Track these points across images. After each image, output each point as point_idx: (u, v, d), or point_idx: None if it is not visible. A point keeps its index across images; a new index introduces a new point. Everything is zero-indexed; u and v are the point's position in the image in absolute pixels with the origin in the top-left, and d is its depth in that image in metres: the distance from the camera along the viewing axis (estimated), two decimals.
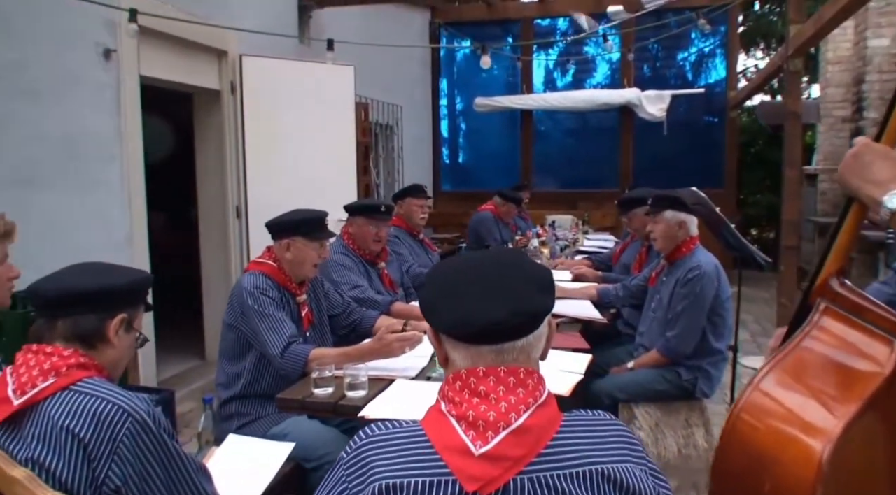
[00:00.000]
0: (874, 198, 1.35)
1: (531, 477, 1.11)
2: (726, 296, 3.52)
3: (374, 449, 1.16)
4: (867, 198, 1.38)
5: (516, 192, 7.00)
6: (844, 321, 1.48)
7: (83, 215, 4.26)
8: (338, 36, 6.50)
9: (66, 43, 4.16)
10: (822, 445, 1.30)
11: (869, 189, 1.37)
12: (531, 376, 1.18)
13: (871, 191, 1.36)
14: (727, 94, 9.50)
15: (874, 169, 1.38)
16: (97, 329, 1.57)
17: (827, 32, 5.19)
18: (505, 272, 1.23)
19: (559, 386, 2.55)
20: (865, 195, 1.38)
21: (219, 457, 2.13)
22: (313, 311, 3.08)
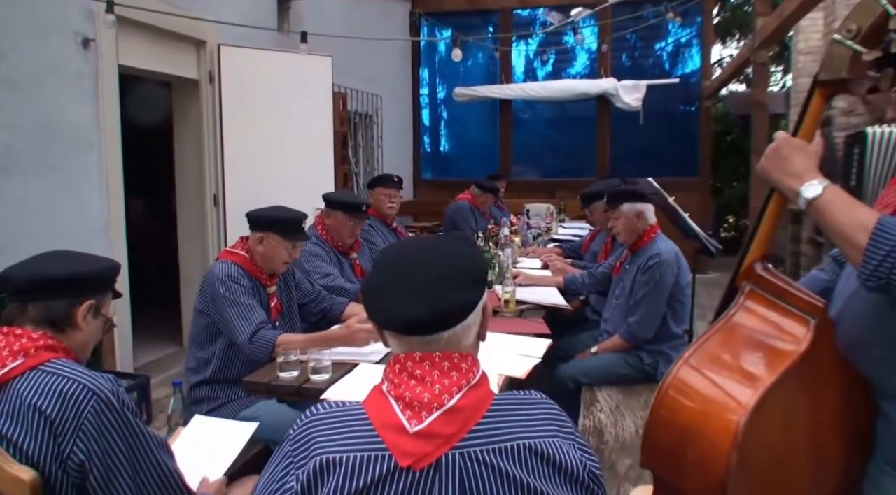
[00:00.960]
0: (793, 188, 1.47)
1: (461, 451, 1.20)
2: (686, 283, 3.64)
3: (318, 426, 1.24)
4: (787, 189, 1.50)
5: (492, 182, 7.09)
6: (767, 302, 1.59)
7: (61, 203, 4.31)
8: (317, 26, 6.56)
9: (45, 32, 4.20)
10: (737, 417, 1.42)
11: (788, 180, 1.48)
12: (465, 360, 1.26)
13: (790, 183, 1.48)
14: (702, 83, 9.60)
15: (792, 161, 1.50)
16: (66, 313, 1.66)
17: (790, 25, 5.31)
18: (432, 266, 1.30)
19: (516, 369, 2.65)
20: (785, 186, 1.50)
21: (185, 437, 2.23)
22: (282, 302, 3.17)
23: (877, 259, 1.31)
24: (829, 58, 1.58)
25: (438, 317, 1.24)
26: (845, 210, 1.40)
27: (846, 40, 1.53)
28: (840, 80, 1.55)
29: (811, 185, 1.44)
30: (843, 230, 1.38)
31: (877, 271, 1.31)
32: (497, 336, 3.10)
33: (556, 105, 10.11)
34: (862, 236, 1.33)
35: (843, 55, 1.54)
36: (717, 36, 13.02)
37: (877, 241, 1.31)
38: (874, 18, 1.50)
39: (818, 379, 1.50)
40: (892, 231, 1.31)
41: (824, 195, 1.42)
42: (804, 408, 1.50)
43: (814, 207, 1.43)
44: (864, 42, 1.51)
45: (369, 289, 1.32)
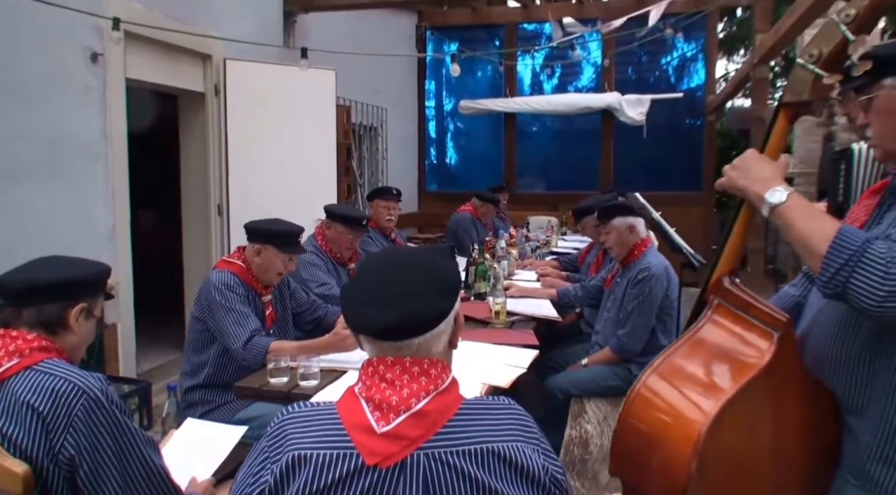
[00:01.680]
0: (759, 193, 1.52)
1: (426, 453, 1.26)
2: (675, 296, 3.70)
3: (292, 424, 1.32)
4: (753, 195, 1.55)
5: (494, 194, 7.17)
6: (733, 316, 1.66)
7: (68, 212, 4.42)
8: (323, 40, 6.67)
9: (55, 46, 4.31)
10: (699, 425, 1.48)
11: (755, 186, 1.54)
12: (435, 366, 1.33)
13: (756, 188, 1.53)
14: (706, 98, 9.64)
15: (760, 168, 1.57)
16: (59, 317, 1.75)
17: (787, 42, 5.37)
18: (406, 276, 1.37)
19: (501, 378, 2.72)
20: (752, 192, 1.55)
21: (177, 439, 2.31)
22: (277, 311, 3.25)
23: (834, 267, 1.36)
24: (793, 81, 1.64)
25: (410, 323, 1.31)
26: (807, 217, 1.45)
27: (808, 64, 1.60)
28: (803, 102, 1.62)
29: (776, 191, 1.49)
30: (804, 237, 1.44)
31: (833, 279, 1.37)
32: (485, 346, 3.17)
33: (560, 118, 10.17)
34: (822, 244, 1.39)
35: (805, 78, 1.60)
36: (722, 50, 13.07)
37: (835, 250, 1.36)
38: (835, 44, 1.56)
39: (781, 391, 1.55)
40: (851, 241, 1.36)
41: (788, 201, 1.48)
42: (766, 419, 1.55)
43: (777, 213, 1.49)
44: (825, 66, 1.58)
45: (347, 295, 1.40)
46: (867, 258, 1.34)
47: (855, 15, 1.52)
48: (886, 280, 1.31)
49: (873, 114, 1.58)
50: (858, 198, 1.81)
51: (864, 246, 1.35)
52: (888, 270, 1.31)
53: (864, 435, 1.53)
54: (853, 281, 1.34)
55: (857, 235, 1.38)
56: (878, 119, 1.57)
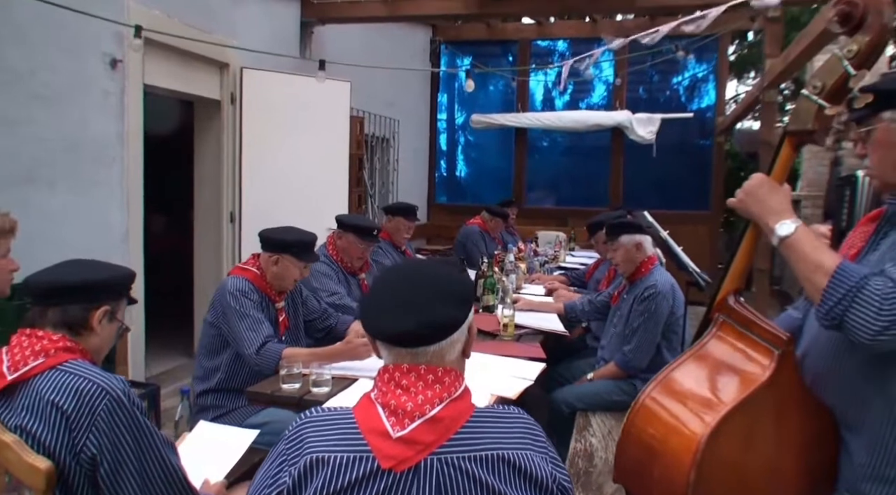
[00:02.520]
0: (770, 225, 1.61)
1: (440, 457, 1.31)
2: (680, 314, 3.74)
3: (310, 428, 1.37)
4: (764, 225, 1.64)
5: (503, 208, 7.22)
6: (736, 333, 1.73)
7: (83, 214, 4.49)
8: (339, 51, 6.76)
9: (76, 52, 4.40)
10: (699, 436, 1.54)
11: (767, 216, 1.63)
12: (448, 374, 1.39)
13: (768, 219, 1.62)
14: (716, 119, 9.70)
15: (774, 199, 1.65)
16: (82, 318, 1.80)
17: (796, 68, 5.43)
18: (425, 286, 1.43)
19: (508, 390, 2.76)
20: (763, 222, 1.64)
21: (190, 441, 2.36)
22: (290, 318, 3.30)
23: (832, 301, 1.44)
24: (797, 110, 1.71)
25: (426, 331, 1.36)
26: (811, 251, 1.53)
27: (812, 95, 1.67)
28: (807, 130, 1.68)
29: (786, 224, 1.58)
30: (806, 269, 1.51)
31: (831, 312, 1.44)
32: (493, 358, 3.22)
33: (571, 134, 10.22)
34: (822, 278, 1.46)
35: (809, 109, 1.67)
36: (732, 72, 13.13)
37: (834, 285, 1.44)
38: (837, 78, 1.63)
39: (781, 408, 1.61)
40: (849, 277, 1.43)
41: (796, 234, 1.56)
42: (766, 435, 1.60)
43: (785, 245, 1.57)
44: (828, 98, 1.65)
45: (366, 303, 1.46)
46: (863, 294, 1.41)
47: (857, 51, 1.60)
48: (880, 315, 1.38)
49: (871, 145, 1.65)
50: (857, 224, 1.87)
51: (860, 282, 1.42)
52: (882, 306, 1.38)
53: (860, 453, 1.58)
54: (849, 315, 1.42)
55: (855, 271, 1.45)
56: (877, 150, 1.64)
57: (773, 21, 5.78)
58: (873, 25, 1.59)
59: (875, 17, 1.59)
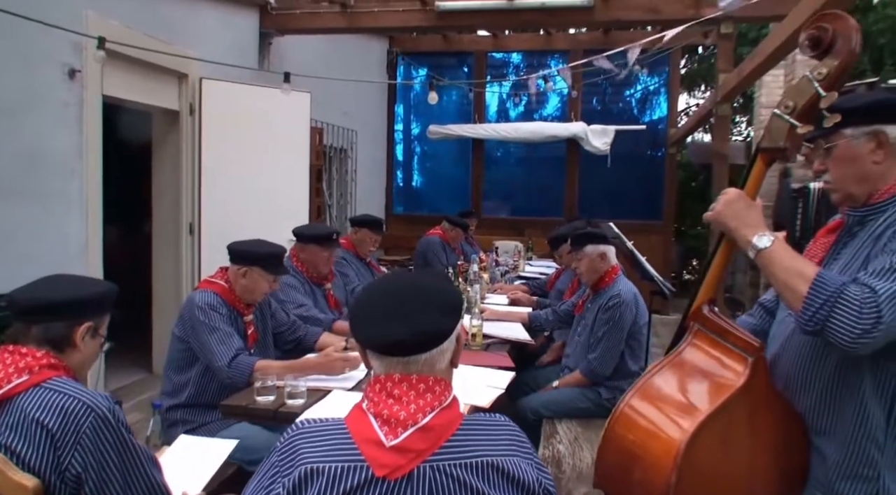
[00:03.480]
0: (747, 237, 1.68)
1: (432, 465, 1.35)
2: (644, 322, 3.82)
3: (303, 439, 1.39)
4: (741, 237, 1.70)
5: (463, 219, 7.28)
6: (711, 341, 1.80)
7: (41, 226, 4.41)
8: (297, 62, 6.75)
9: (33, 62, 4.32)
10: (679, 440, 1.60)
11: (744, 230, 1.69)
12: (439, 383, 1.42)
13: (745, 232, 1.69)
14: (668, 131, 9.91)
15: (750, 214, 1.72)
16: (65, 335, 1.80)
17: (749, 83, 5.60)
18: (414, 296, 1.46)
19: (481, 398, 2.81)
20: (741, 234, 1.70)
21: (170, 454, 2.35)
22: (258, 330, 3.30)
23: (814, 307, 1.51)
24: (769, 129, 1.79)
25: (418, 339, 1.39)
26: (789, 261, 1.60)
27: (784, 115, 1.75)
28: (779, 148, 1.76)
29: (763, 237, 1.65)
30: (786, 279, 1.58)
31: (814, 317, 1.51)
32: (465, 367, 3.25)
33: (527, 145, 10.33)
34: (803, 286, 1.54)
35: (781, 127, 1.75)
36: (684, 86, 13.42)
37: (814, 292, 1.51)
38: (808, 98, 1.71)
39: (755, 413, 1.68)
40: (828, 284, 1.51)
41: (774, 245, 1.63)
42: (742, 439, 1.67)
43: (763, 256, 1.64)
44: (799, 117, 1.73)
45: (357, 314, 1.48)
46: (843, 299, 1.48)
47: (826, 73, 1.69)
48: (860, 319, 1.46)
49: (833, 161, 1.73)
50: (814, 234, 1.96)
51: (840, 289, 1.50)
52: (861, 311, 1.46)
53: (832, 453, 1.65)
54: (831, 320, 1.49)
55: (833, 279, 1.53)
56: (837, 165, 1.72)
57: (726, 38, 5.94)
58: (842, 50, 1.68)
59: (844, 42, 1.68)
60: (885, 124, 1.66)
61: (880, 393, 1.60)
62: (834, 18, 1.71)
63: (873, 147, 1.67)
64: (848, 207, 1.75)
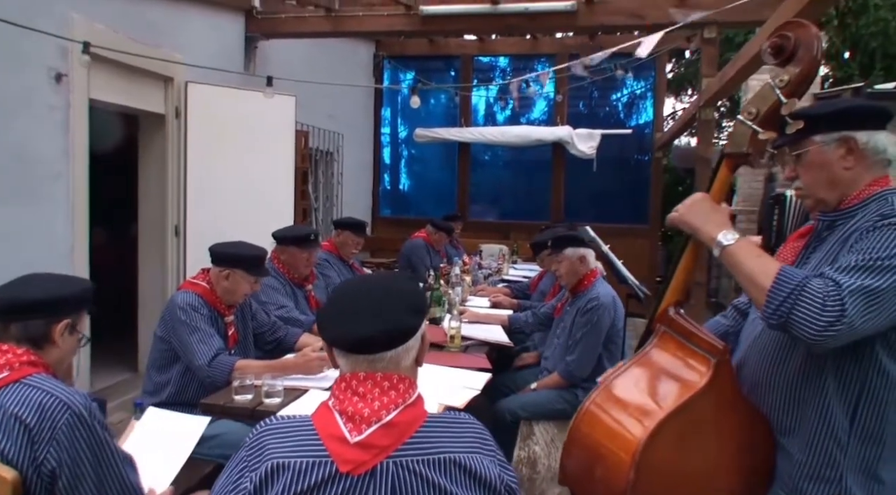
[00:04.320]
0: (712, 235, 1.72)
1: (395, 461, 1.39)
2: (621, 325, 3.88)
3: (271, 435, 1.43)
4: (706, 235, 1.74)
5: (447, 222, 7.32)
6: (676, 343, 1.83)
7: (28, 228, 4.44)
8: (283, 66, 6.78)
9: (19, 66, 4.36)
10: (637, 439, 1.64)
11: (709, 227, 1.74)
12: (403, 381, 1.47)
13: (710, 230, 1.73)
14: (654, 135, 9.96)
15: (715, 213, 1.77)
16: (44, 332, 1.84)
17: (731, 89, 5.65)
18: (381, 296, 1.51)
19: (456, 399, 2.85)
20: (706, 232, 1.75)
21: (140, 430, 2.40)
22: (239, 331, 3.34)
23: (777, 300, 1.54)
24: (733, 134, 1.83)
25: (384, 337, 1.44)
26: (753, 257, 1.64)
27: (747, 121, 1.79)
28: (742, 153, 1.81)
29: (728, 234, 1.69)
30: (750, 274, 1.62)
31: (777, 311, 1.54)
32: (441, 369, 3.30)
33: (513, 149, 10.36)
34: (766, 280, 1.57)
35: (744, 133, 1.80)
36: (670, 90, 13.49)
37: (777, 286, 1.55)
38: (770, 105, 1.76)
39: (718, 414, 1.71)
40: (792, 278, 1.54)
41: (738, 242, 1.67)
42: (702, 437, 1.71)
43: (727, 253, 1.68)
44: (762, 123, 1.77)
45: (325, 313, 1.53)
46: (806, 293, 1.51)
47: (788, 81, 1.73)
48: (824, 312, 1.48)
49: (803, 167, 1.76)
50: (786, 240, 2.00)
51: (803, 282, 1.53)
52: (825, 303, 1.49)
53: (797, 453, 1.69)
54: (795, 313, 1.51)
55: (796, 273, 1.56)
56: (808, 171, 1.75)
57: (709, 42, 6.00)
58: (804, 58, 1.72)
59: (805, 50, 1.72)
60: (854, 131, 1.69)
61: (843, 395, 1.62)
62: (796, 27, 1.75)
63: (843, 153, 1.69)
64: (819, 213, 1.78)
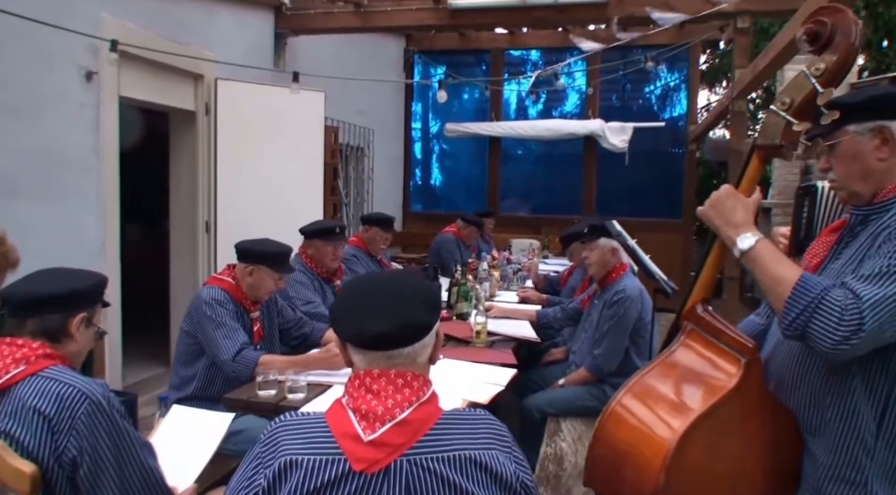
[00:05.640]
0: (731, 237, 1.66)
1: (409, 459, 1.37)
2: (648, 319, 3.81)
3: (285, 431, 1.42)
4: (725, 237, 1.68)
5: (478, 217, 7.30)
6: (704, 341, 1.77)
7: (59, 225, 4.50)
8: (313, 62, 6.80)
9: (51, 65, 4.42)
10: (668, 441, 1.58)
11: (727, 229, 1.67)
12: (417, 379, 1.44)
13: (728, 232, 1.67)
14: (688, 128, 9.82)
15: (735, 213, 1.69)
16: (61, 326, 1.86)
17: (764, 79, 5.55)
18: (397, 291, 1.49)
19: (480, 395, 2.82)
20: (724, 234, 1.69)
21: (165, 428, 2.41)
22: (264, 327, 3.36)
23: (795, 312, 1.48)
24: (766, 125, 1.75)
25: (402, 333, 1.42)
26: (773, 263, 1.58)
27: (780, 111, 1.71)
28: (774, 145, 1.73)
29: (746, 237, 1.62)
30: (769, 282, 1.56)
31: (794, 322, 1.49)
32: (466, 364, 3.28)
33: (544, 143, 10.27)
34: (784, 289, 1.51)
35: (777, 124, 1.72)
36: (705, 81, 13.28)
37: (796, 296, 1.49)
38: (805, 94, 1.68)
39: (747, 415, 1.65)
40: (811, 288, 1.48)
41: (756, 247, 1.60)
42: (731, 439, 1.65)
43: (747, 257, 1.62)
44: (796, 114, 1.69)
45: (339, 309, 1.51)
46: (824, 305, 1.45)
47: (825, 69, 1.65)
48: (840, 325, 1.43)
49: (836, 158, 1.68)
50: (819, 234, 1.93)
51: (822, 293, 1.46)
52: (842, 317, 1.43)
53: (821, 455, 1.63)
54: (812, 325, 1.46)
55: (816, 283, 1.49)
56: (842, 163, 1.67)
57: (742, 32, 5.88)
58: (841, 45, 1.65)
59: (843, 37, 1.64)
60: (890, 120, 1.61)
61: (871, 397, 1.57)
62: (833, 12, 1.67)
63: (878, 143, 1.62)
64: (852, 206, 1.71)
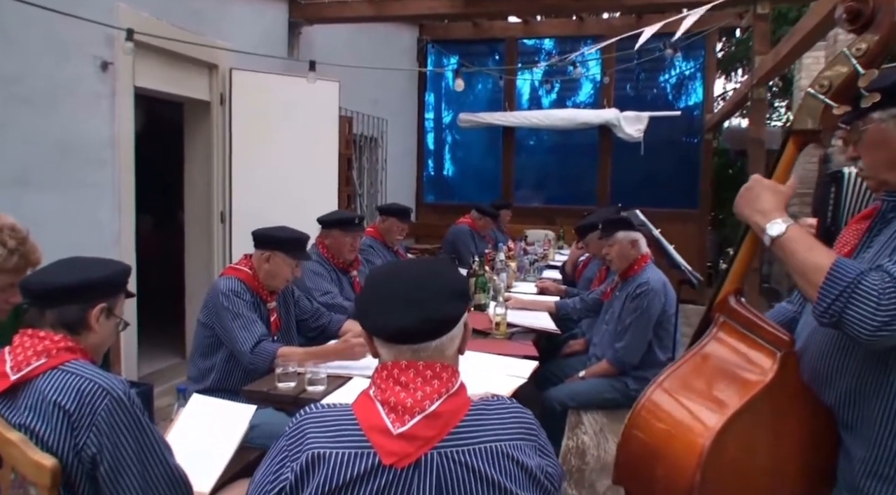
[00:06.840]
0: (759, 225, 1.59)
1: (440, 452, 1.34)
2: (672, 312, 3.76)
3: (311, 424, 1.38)
4: (755, 226, 1.62)
5: (493, 208, 7.25)
6: (737, 334, 1.70)
7: (74, 216, 4.49)
8: (326, 51, 6.75)
9: (66, 55, 4.40)
10: (703, 439, 1.52)
11: (756, 217, 1.61)
12: (446, 370, 1.41)
13: (757, 219, 1.60)
14: (704, 117, 9.71)
15: (762, 200, 1.62)
16: (80, 318, 1.81)
17: (786, 65, 5.46)
18: (423, 283, 1.45)
19: (502, 387, 2.79)
20: (753, 223, 1.62)
21: (185, 419, 2.39)
22: (281, 318, 3.32)
23: (829, 298, 1.41)
24: (802, 109, 1.67)
25: (428, 326, 1.39)
26: (805, 250, 1.50)
27: (819, 94, 1.62)
28: (812, 130, 1.65)
29: (776, 224, 1.55)
30: (801, 268, 1.49)
31: (829, 309, 1.42)
32: (487, 356, 3.24)
33: (558, 133, 10.19)
34: (818, 276, 1.44)
35: (815, 107, 1.64)
36: (720, 69, 13.14)
37: (830, 281, 1.42)
38: (845, 76, 1.59)
39: (782, 409, 1.59)
40: (846, 273, 1.41)
41: (787, 233, 1.53)
42: (767, 436, 1.59)
43: (777, 244, 1.54)
44: (835, 97, 1.61)
45: (364, 302, 1.47)
46: (861, 290, 1.39)
47: (866, 49, 1.57)
48: (878, 310, 1.36)
49: (863, 146, 1.62)
50: (847, 222, 1.86)
51: (858, 278, 1.40)
52: (880, 301, 1.36)
53: (858, 450, 1.57)
54: (848, 311, 1.39)
55: (851, 267, 1.43)
56: (869, 151, 1.61)
57: (762, 18, 5.79)
58: (883, 23, 1.56)
59: (885, 15, 1.56)
60: None
61: None
62: None
63: None
64: (884, 192, 1.63)
